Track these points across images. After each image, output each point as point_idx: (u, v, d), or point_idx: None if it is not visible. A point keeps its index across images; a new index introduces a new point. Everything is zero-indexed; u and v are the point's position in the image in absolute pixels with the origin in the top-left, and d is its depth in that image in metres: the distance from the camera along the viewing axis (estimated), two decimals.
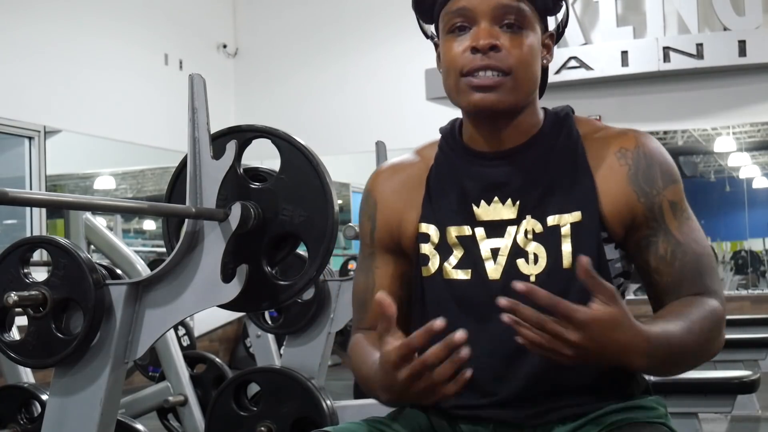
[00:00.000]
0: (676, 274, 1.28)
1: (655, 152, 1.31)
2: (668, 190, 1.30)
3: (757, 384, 3.43)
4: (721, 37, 7.36)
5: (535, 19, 1.29)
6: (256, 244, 1.67)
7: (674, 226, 1.29)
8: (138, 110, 7.60)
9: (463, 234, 1.32)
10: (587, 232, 1.28)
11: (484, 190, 1.32)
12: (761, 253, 12.23)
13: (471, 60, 1.26)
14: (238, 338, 7.99)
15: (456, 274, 1.32)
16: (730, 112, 7.71)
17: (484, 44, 1.25)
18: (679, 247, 1.28)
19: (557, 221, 1.29)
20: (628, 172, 1.29)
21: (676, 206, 1.30)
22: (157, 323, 1.62)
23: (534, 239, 1.29)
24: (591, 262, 1.13)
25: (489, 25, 1.26)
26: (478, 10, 1.26)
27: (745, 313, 7.88)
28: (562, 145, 1.32)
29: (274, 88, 8.76)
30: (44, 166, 6.75)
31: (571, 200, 1.29)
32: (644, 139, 1.32)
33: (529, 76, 1.28)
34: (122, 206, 1.98)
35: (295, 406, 2.47)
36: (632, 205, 1.29)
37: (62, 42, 6.92)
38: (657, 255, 1.29)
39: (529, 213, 1.29)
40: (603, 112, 7.68)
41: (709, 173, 13.83)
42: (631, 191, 1.29)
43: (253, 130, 1.71)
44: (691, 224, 1.31)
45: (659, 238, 1.29)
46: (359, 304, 1.44)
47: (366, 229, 1.41)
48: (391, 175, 1.42)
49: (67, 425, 1.61)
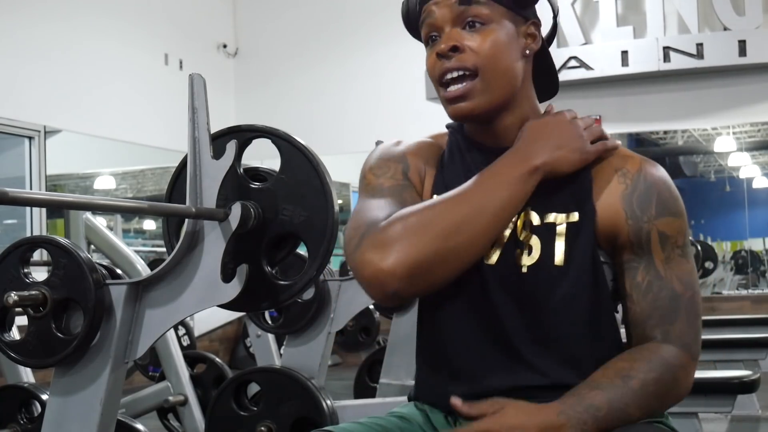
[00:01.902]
0: (647, 307, 1.27)
1: (657, 181, 1.30)
2: (661, 221, 1.28)
3: (757, 384, 3.43)
4: (721, 37, 7.36)
5: (501, 13, 1.31)
6: (256, 244, 1.67)
7: (659, 259, 1.27)
8: (138, 110, 7.59)
9: None
10: (583, 234, 1.28)
11: None
12: (761, 253, 12.21)
13: (440, 65, 1.31)
14: (238, 338, 7.99)
15: None
16: (730, 112, 7.71)
17: (445, 47, 1.30)
18: (658, 280, 1.27)
19: (555, 219, 1.29)
20: (623, 191, 1.29)
21: (668, 239, 1.28)
22: (157, 323, 1.62)
23: (532, 231, 1.30)
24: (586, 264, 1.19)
25: (451, 29, 1.31)
26: (439, 16, 1.32)
27: (745, 313, 7.88)
28: None
29: (274, 88, 8.76)
30: (44, 166, 6.75)
31: (571, 200, 1.30)
32: (650, 168, 1.31)
33: (501, 71, 1.30)
34: (122, 206, 1.98)
35: (295, 406, 2.47)
36: (620, 225, 1.28)
37: (62, 42, 6.92)
38: (633, 282, 1.28)
39: (531, 204, 1.30)
40: (603, 112, 7.68)
41: (709, 173, 13.81)
42: (621, 210, 1.28)
43: (253, 130, 1.71)
44: (681, 263, 1.28)
45: (641, 265, 1.28)
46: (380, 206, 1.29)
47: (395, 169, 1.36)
48: (413, 143, 1.42)
49: (67, 425, 1.61)
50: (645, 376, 1.22)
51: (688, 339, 1.26)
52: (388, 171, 1.36)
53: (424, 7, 1.34)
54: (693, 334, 1.27)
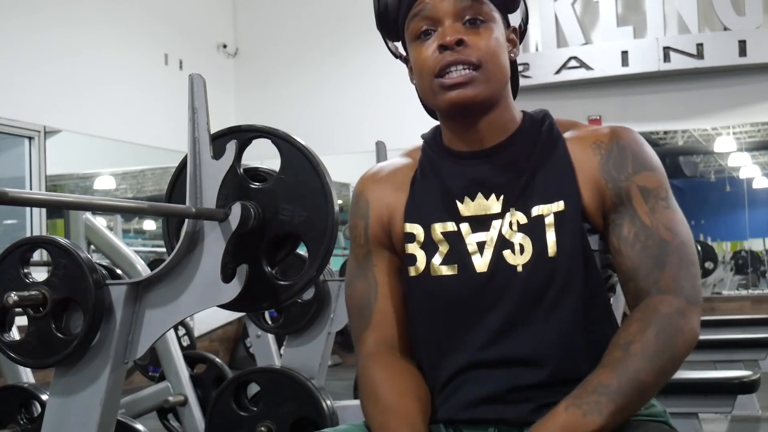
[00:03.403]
0: (636, 258, 1.26)
1: (630, 142, 1.32)
2: (639, 176, 1.29)
3: (757, 384, 3.43)
4: (721, 37, 7.36)
5: (496, 14, 1.32)
6: (256, 244, 1.67)
7: (643, 211, 1.28)
8: (138, 110, 7.59)
9: (447, 230, 1.34)
10: (570, 221, 1.28)
11: (467, 187, 1.34)
12: (761, 253, 12.21)
13: (441, 58, 1.29)
14: (238, 338, 7.99)
15: (443, 270, 1.33)
16: (730, 112, 7.71)
17: (451, 40, 1.28)
18: (644, 229, 1.27)
19: (541, 211, 1.30)
20: (600, 161, 1.31)
21: (649, 192, 1.29)
22: (157, 323, 1.62)
23: (519, 230, 1.30)
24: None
25: (452, 23, 1.30)
26: (440, 10, 1.30)
27: (745, 313, 7.88)
28: (543, 141, 1.34)
29: (274, 88, 8.76)
30: (44, 166, 6.75)
31: (554, 190, 1.30)
32: (621, 132, 1.33)
33: (500, 67, 1.31)
34: (122, 206, 1.98)
35: (295, 406, 2.47)
36: (603, 193, 1.30)
37: (62, 42, 6.92)
38: (620, 236, 1.28)
39: (513, 205, 1.31)
40: (603, 112, 7.69)
41: (709, 173, 13.81)
42: (602, 178, 1.30)
43: (253, 130, 1.71)
44: (667, 212, 1.29)
45: (625, 220, 1.28)
46: (360, 309, 1.42)
47: (359, 228, 1.43)
48: (379, 177, 1.44)
49: (67, 425, 1.61)
50: (643, 336, 1.20)
51: (682, 284, 1.24)
52: (356, 233, 1.44)
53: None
54: (687, 279, 1.25)
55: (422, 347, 1.37)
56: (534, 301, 1.28)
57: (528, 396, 1.27)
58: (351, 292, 1.44)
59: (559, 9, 7.69)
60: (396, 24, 1.36)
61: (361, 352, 1.40)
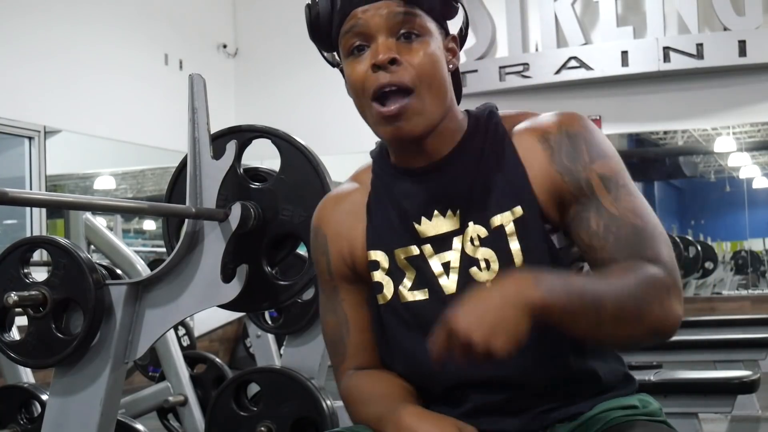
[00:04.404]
0: (612, 249, 1.20)
1: (579, 130, 1.25)
2: (597, 164, 1.23)
3: (757, 384, 3.43)
4: (721, 37, 7.36)
5: (432, 25, 1.25)
6: (256, 244, 1.67)
7: (608, 201, 1.22)
8: (138, 110, 7.60)
9: (411, 254, 1.29)
10: (531, 226, 1.24)
11: (422, 206, 1.29)
12: (761, 253, 12.22)
13: (375, 79, 1.22)
14: (238, 338, 7.99)
15: (413, 296, 1.29)
16: (730, 112, 7.71)
17: (384, 59, 1.21)
18: (613, 220, 1.20)
19: (500, 221, 1.25)
20: (551, 156, 1.25)
21: (610, 180, 1.23)
22: (157, 323, 1.62)
23: (481, 245, 1.26)
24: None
25: (386, 39, 1.23)
26: (372, 24, 1.23)
27: (745, 313, 7.89)
28: (490, 146, 1.28)
29: (274, 88, 8.76)
30: (44, 166, 6.75)
31: (509, 196, 1.25)
32: (569, 120, 1.27)
33: (436, 86, 1.23)
34: (122, 206, 1.98)
35: (295, 406, 2.47)
36: (558, 186, 1.24)
37: (62, 42, 6.92)
38: (590, 231, 1.21)
39: (471, 219, 1.26)
40: (603, 112, 7.68)
41: (709, 173, 13.81)
42: (555, 172, 1.24)
43: (253, 130, 1.71)
44: (631, 198, 1.22)
45: (590, 213, 1.22)
46: (334, 343, 1.39)
47: (322, 264, 1.38)
48: (334, 207, 1.39)
49: (67, 425, 1.61)
50: (625, 277, 1.14)
51: (665, 260, 1.18)
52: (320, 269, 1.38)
53: (349, 12, 1.25)
54: (665, 253, 1.20)
55: (404, 370, 1.34)
56: None
57: (522, 405, 1.25)
58: (324, 327, 1.41)
59: (559, 9, 7.69)
60: (329, 36, 1.31)
61: (341, 380, 1.39)
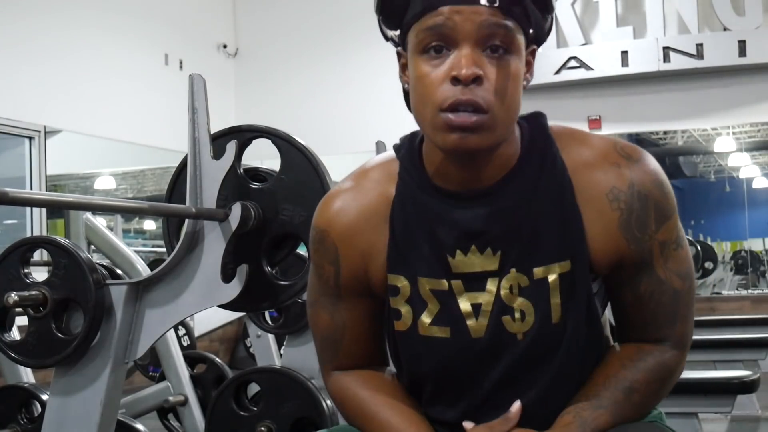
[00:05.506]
0: (649, 315, 1.21)
1: (651, 189, 1.18)
2: (661, 232, 1.18)
3: (757, 384, 3.43)
4: (721, 37, 7.36)
5: (520, 38, 1.12)
6: (256, 244, 1.67)
7: (660, 265, 1.19)
8: (138, 110, 7.59)
9: (438, 288, 1.19)
10: (578, 282, 1.18)
11: (460, 239, 1.17)
12: (761, 253, 12.21)
13: (452, 93, 1.08)
14: (238, 338, 7.99)
15: (433, 331, 1.20)
16: (730, 112, 7.71)
17: (467, 75, 1.08)
18: (659, 286, 1.20)
19: (545, 273, 1.17)
20: (620, 218, 1.17)
21: (666, 245, 1.19)
22: (157, 323, 1.62)
23: (520, 294, 1.17)
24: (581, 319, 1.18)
25: (472, 50, 1.09)
26: (461, 30, 1.09)
27: (745, 313, 7.88)
28: (546, 180, 1.18)
29: (274, 88, 8.76)
30: (44, 166, 6.75)
31: (560, 248, 1.17)
32: (639, 175, 1.18)
33: (510, 111, 1.12)
34: (122, 206, 1.98)
35: (295, 406, 2.47)
36: (622, 252, 1.18)
37: (62, 42, 6.92)
38: (637, 293, 1.20)
39: (514, 266, 1.17)
40: (603, 112, 7.68)
41: (709, 173, 13.81)
42: (622, 238, 1.17)
43: (253, 130, 1.71)
44: (679, 255, 1.21)
45: (642, 277, 1.19)
46: (326, 343, 1.30)
47: (328, 272, 1.25)
48: (346, 211, 1.24)
49: (67, 425, 1.61)
50: (647, 388, 1.19)
51: (685, 338, 1.24)
52: (325, 276, 1.26)
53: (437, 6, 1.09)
54: (689, 330, 1.24)
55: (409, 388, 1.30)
56: (533, 366, 1.20)
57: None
58: (315, 319, 1.30)
59: (559, 9, 7.68)
60: (401, 15, 1.14)
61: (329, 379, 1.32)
